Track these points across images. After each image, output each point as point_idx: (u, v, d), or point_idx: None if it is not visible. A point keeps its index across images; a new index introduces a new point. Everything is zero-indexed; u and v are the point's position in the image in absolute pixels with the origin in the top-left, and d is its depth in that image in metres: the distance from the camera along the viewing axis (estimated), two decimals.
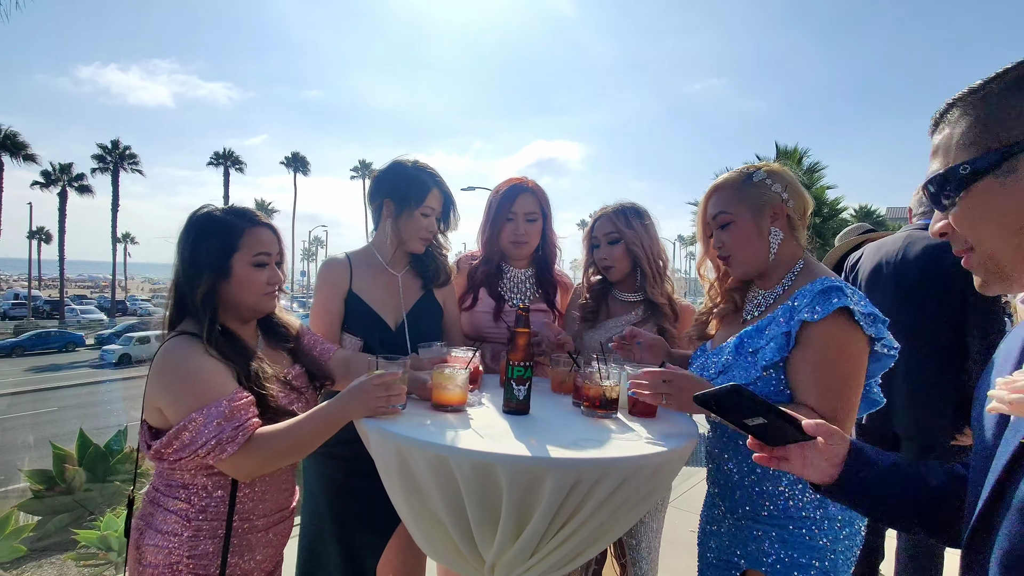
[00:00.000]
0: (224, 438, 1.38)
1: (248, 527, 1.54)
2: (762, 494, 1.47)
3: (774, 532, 1.46)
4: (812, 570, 1.41)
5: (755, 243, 1.52)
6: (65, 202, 43.31)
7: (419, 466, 1.31)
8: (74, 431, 5.86)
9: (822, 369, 1.33)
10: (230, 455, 1.39)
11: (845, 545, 1.45)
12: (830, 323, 1.33)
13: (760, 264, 1.54)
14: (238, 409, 1.42)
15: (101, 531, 3.91)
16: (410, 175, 1.99)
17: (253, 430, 1.42)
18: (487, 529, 1.32)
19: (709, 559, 1.65)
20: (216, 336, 1.50)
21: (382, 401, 1.43)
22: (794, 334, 1.36)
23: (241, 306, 1.58)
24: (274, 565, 1.67)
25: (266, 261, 1.57)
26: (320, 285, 2.01)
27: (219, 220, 1.56)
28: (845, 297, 1.33)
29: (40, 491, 5.01)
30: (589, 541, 1.42)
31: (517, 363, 1.53)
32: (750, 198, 1.54)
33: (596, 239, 2.19)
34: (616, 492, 1.29)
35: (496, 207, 2.26)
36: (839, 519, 1.45)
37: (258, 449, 1.41)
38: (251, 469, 1.45)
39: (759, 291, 1.60)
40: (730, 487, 1.55)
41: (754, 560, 1.49)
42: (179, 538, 1.47)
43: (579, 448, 1.29)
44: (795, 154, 26.77)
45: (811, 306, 1.35)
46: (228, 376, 1.47)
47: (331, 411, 1.45)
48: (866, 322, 1.34)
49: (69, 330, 35.60)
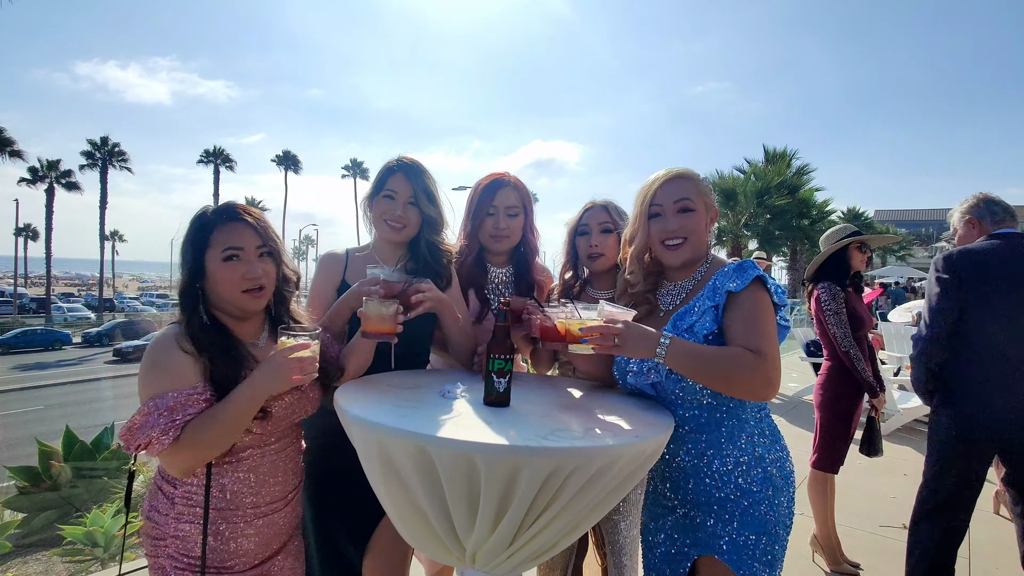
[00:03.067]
0: (159, 431, 1.40)
1: (231, 515, 1.57)
2: (714, 475, 1.61)
3: (725, 515, 1.59)
4: (761, 544, 1.56)
5: (704, 234, 1.77)
6: (52, 199, 42.93)
7: (400, 456, 1.33)
8: (60, 430, 5.85)
9: (748, 321, 1.57)
10: (162, 449, 1.41)
11: (784, 514, 1.61)
12: (750, 289, 1.60)
13: (700, 253, 1.77)
14: (183, 404, 1.44)
15: (87, 527, 3.91)
16: (381, 167, 2.04)
17: (182, 425, 1.42)
18: (467, 519, 1.35)
19: (656, 554, 1.75)
20: (195, 331, 1.53)
21: (296, 371, 1.46)
22: (722, 305, 1.60)
23: (224, 302, 1.59)
24: (270, 553, 1.68)
25: (236, 255, 1.57)
26: (316, 275, 2.08)
27: (196, 219, 1.60)
28: (757, 270, 1.61)
29: (26, 488, 4.99)
30: (567, 529, 1.45)
31: (498, 356, 1.55)
32: (706, 196, 1.77)
33: (586, 227, 2.21)
34: (591, 481, 1.32)
35: (477, 201, 2.27)
36: (782, 492, 1.61)
37: (188, 442, 1.42)
38: (184, 463, 1.47)
39: (672, 284, 1.82)
40: (684, 478, 1.66)
41: (705, 546, 1.61)
42: (165, 517, 1.55)
43: (556, 439, 1.32)
44: (783, 155, 27.01)
45: (733, 279, 1.60)
46: (194, 371, 1.49)
47: (245, 391, 1.46)
48: (775, 292, 1.62)
49: (56, 328, 35.28)
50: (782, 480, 1.63)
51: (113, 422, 6.03)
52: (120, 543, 4.02)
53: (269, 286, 1.64)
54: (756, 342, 1.53)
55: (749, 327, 1.56)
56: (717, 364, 1.51)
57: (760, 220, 25.09)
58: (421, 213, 2.01)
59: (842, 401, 3.47)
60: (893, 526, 4.16)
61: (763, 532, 1.57)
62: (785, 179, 25.42)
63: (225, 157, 52.14)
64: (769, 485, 1.60)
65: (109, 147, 45.23)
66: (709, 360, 1.51)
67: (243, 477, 1.58)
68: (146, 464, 6.22)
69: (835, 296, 3.39)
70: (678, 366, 1.54)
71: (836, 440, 3.47)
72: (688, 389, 1.61)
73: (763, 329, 1.56)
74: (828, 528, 3.57)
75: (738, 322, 1.58)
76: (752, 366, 1.49)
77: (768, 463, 1.62)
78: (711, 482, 1.61)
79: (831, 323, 3.38)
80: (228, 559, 1.58)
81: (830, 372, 3.53)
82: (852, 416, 3.48)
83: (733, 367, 1.50)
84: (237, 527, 1.58)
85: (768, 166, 26.37)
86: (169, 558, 1.55)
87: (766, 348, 1.53)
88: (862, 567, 3.55)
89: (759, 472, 1.60)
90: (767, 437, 1.66)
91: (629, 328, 1.52)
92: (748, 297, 1.59)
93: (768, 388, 1.51)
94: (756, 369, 1.49)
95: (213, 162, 51.79)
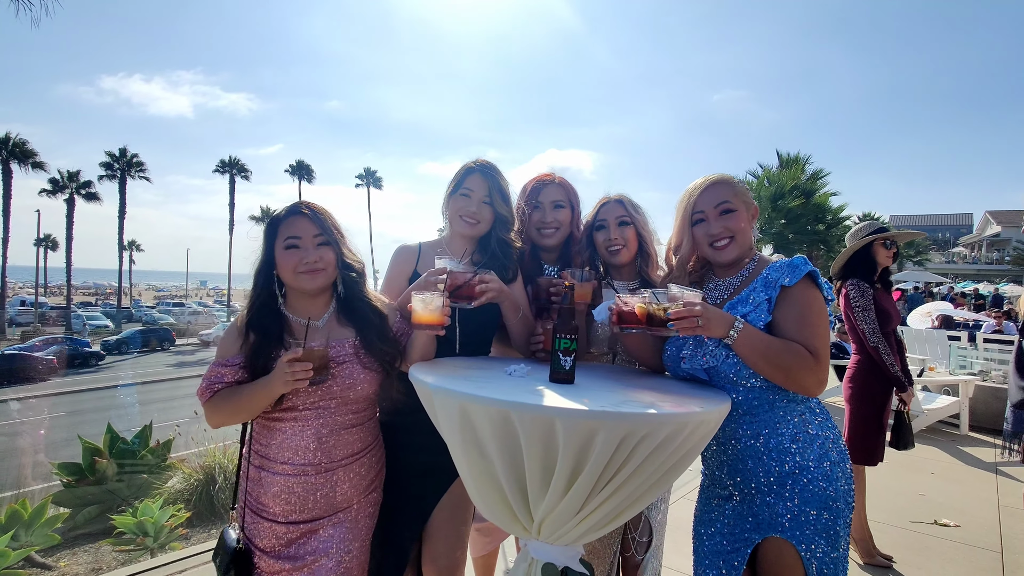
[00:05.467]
0: (201, 390, 1.79)
1: (261, 466, 1.83)
2: (771, 452, 1.67)
3: (785, 492, 1.64)
4: (823, 519, 1.61)
5: (748, 231, 1.85)
6: (73, 209, 43.63)
7: (481, 422, 1.43)
8: (74, 437, 6.07)
9: (804, 318, 1.66)
10: (203, 403, 1.80)
11: (844, 490, 1.66)
12: (803, 285, 1.69)
13: (746, 249, 1.86)
14: (217, 372, 1.78)
15: (138, 518, 4.04)
16: (460, 168, 2.17)
17: (215, 391, 1.77)
18: (540, 484, 1.45)
19: (710, 546, 1.79)
20: (250, 310, 1.84)
21: (292, 376, 1.65)
22: (774, 298, 1.69)
23: (287, 284, 1.86)
24: (304, 516, 1.81)
25: (296, 244, 1.82)
26: (391, 265, 2.21)
27: (270, 217, 1.89)
28: (809, 266, 1.70)
29: (71, 483, 5.15)
30: (630, 500, 1.54)
31: (564, 336, 1.64)
32: (744, 196, 1.86)
33: (604, 221, 2.29)
34: (658, 449, 1.41)
35: (525, 200, 2.37)
36: (839, 468, 1.67)
37: (212, 407, 1.78)
38: (211, 421, 1.83)
39: (720, 279, 1.90)
40: (741, 460, 1.72)
41: (768, 526, 1.65)
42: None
43: (629, 407, 1.41)
44: (797, 161, 26.97)
45: (787, 274, 1.69)
46: (237, 344, 1.81)
47: (259, 386, 1.72)
48: (825, 288, 1.72)
49: (75, 336, 35.76)
50: (838, 455, 1.68)
51: (151, 421, 6.20)
52: (167, 533, 4.16)
53: (328, 270, 1.85)
54: (813, 342, 1.62)
55: (804, 325, 1.65)
56: (781, 356, 1.60)
57: (775, 225, 25.03)
58: (495, 211, 2.14)
59: (872, 395, 3.52)
60: (924, 521, 4.19)
61: (824, 507, 1.61)
62: (799, 183, 25.34)
63: (240, 167, 52.80)
64: (826, 460, 1.65)
65: (128, 158, 45.99)
66: (775, 350, 1.61)
67: (275, 432, 1.82)
68: (184, 460, 6.42)
69: (863, 293, 3.45)
70: (747, 349, 1.63)
71: (869, 433, 3.51)
72: (742, 374, 1.68)
73: (819, 330, 1.65)
74: (861, 521, 3.62)
75: (792, 318, 1.66)
76: (810, 366, 1.60)
77: (823, 440, 1.68)
78: (769, 460, 1.66)
79: (860, 319, 3.44)
80: (262, 508, 1.82)
81: (859, 366, 3.59)
82: (884, 409, 3.53)
83: (794, 363, 1.60)
84: (267, 477, 1.81)
85: (782, 171, 26.31)
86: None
87: (822, 350, 1.63)
88: (895, 560, 3.60)
89: (815, 449, 1.66)
90: (819, 416, 1.73)
91: (707, 309, 1.61)
92: (801, 293, 1.68)
93: (819, 388, 1.64)
94: (812, 370, 1.61)
95: (229, 172, 52.47)
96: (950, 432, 6.85)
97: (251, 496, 1.83)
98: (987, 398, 7.11)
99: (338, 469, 1.84)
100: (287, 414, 1.80)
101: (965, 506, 4.53)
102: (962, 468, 5.56)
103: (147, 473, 5.21)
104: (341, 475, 1.85)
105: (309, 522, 1.82)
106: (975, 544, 3.88)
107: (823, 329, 1.67)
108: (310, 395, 1.79)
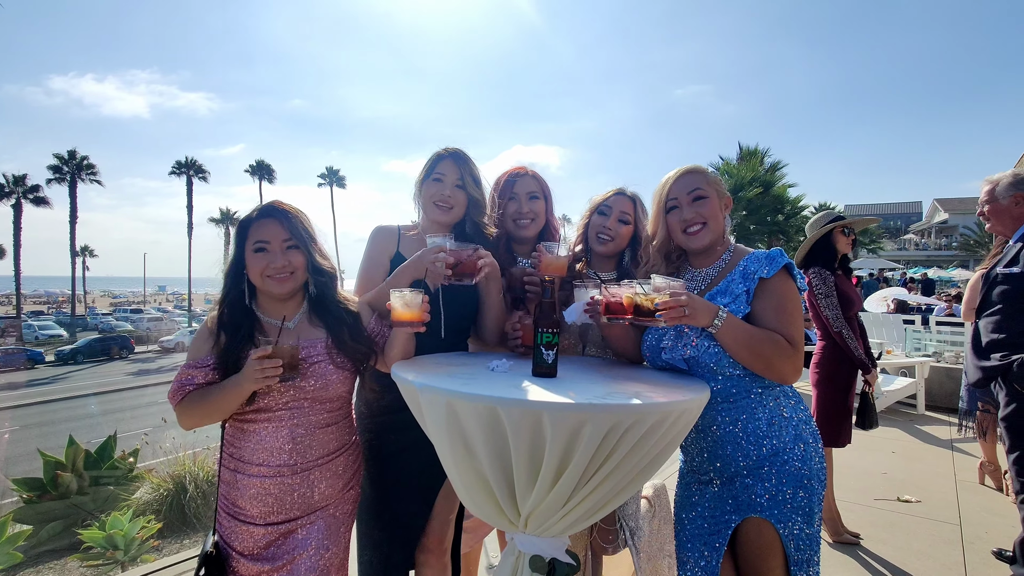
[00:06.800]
0: (172, 393, 1.78)
1: (236, 469, 1.81)
2: (748, 437, 1.73)
3: (763, 472, 1.71)
4: (798, 497, 1.68)
5: (720, 219, 1.91)
6: (20, 215, 41.83)
7: (468, 419, 1.43)
8: (32, 451, 5.85)
9: (782, 309, 1.73)
10: (174, 406, 1.78)
11: (817, 468, 1.74)
12: (780, 277, 1.76)
13: (719, 237, 1.91)
14: (188, 374, 1.77)
15: (107, 531, 3.91)
16: (431, 156, 2.18)
17: (186, 393, 1.76)
18: (528, 478, 1.46)
19: (692, 530, 1.85)
20: (223, 312, 1.82)
21: (261, 373, 1.65)
22: (752, 289, 1.75)
23: (255, 286, 1.85)
24: (282, 518, 1.80)
25: (264, 248, 1.82)
26: (370, 246, 2.18)
27: (241, 218, 1.88)
28: (785, 258, 1.78)
29: (31, 499, 4.95)
30: (616, 490, 1.56)
31: (546, 330, 1.66)
32: (716, 185, 1.92)
33: (608, 208, 2.30)
34: (643, 439, 1.43)
35: (499, 193, 2.39)
36: (812, 448, 1.75)
37: (184, 409, 1.76)
38: (184, 423, 1.81)
39: (696, 270, 1.94)
40: (721, 446, 1.77)
41: (748, 507, 1.72)
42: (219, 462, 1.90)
43: (614, 398, 1.44)
44: (756, 153, 27.61)
45: (764, 265, 1.76)
46: (208, 344, 1.79)
47: (230, 384, 1.71)
48: (798, 277, 1.79)
49: (27, 347, 34.36)
50: (811, 436, 1.77)
51: (116, 431, 6.00)
52: (138, 545, 4.04)
53: (296, 274, 1.85)
54: (791, 332, 1.70)
55: (782, 315, 1.72)
56: (762, 345, 1.66)
57: (735, 216, 25.62)
58: (468, 195, 2.16)
59: (838, 379, 3.64)
60: (888, 499, 4.36)
61: (799, 486, 1.69)
62: (758, 175, 25.97)
63: (198, 168, 51.32)
64: (800, 442, 1.73)
65: (78, 160, 44.33)
66: (757, 339, 1.67)
67: (249, 435, 1.80)
68: (152, 470, 6.23)
69: (825, 280, 3.56)
70: (729, 339, 1.68)
71: (837, 416, 3.62)
72: (722, 363, 1.73)
73: (796, 320, 1.73)
74: (829, 501, 3.74)
75: (770, 309, 1.73)
76: (788, 355, 1.68)
77: (797, 422, 1.75)
78: (747, 444, 1.73)
79: (823, 306, 3.55)
80: (238, 511, 1.80)
81: (824, 352, 3.71)
82: (849, 392, 3.65)
83: (774, 352, 1.66)
84: (243, 480, 1.79)
85: (741, 163, 26.91)
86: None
87: (799, 339, 1.71)
88: (862, 536, 3.74)
89: (790, 431, 1.73)
90: (792, 399, 1.80)
91: (693, 299, 1.65)
92: (779, 284, 1.75)
93: (796, 375, 1.72)
94: (791, 358, 1.68)
95: (186, 173, 50.95)
96: (908, 412, 7.14)
97: (227, 500, 1.82)
98: (941, 378, 7.43)
99: (314, 469, 1.83)
100: (261, 415, 1.78)
101: (925, 482, 4.73)
102: (920, 446, 5.80)
103: (114, 485, 5.05)
104: (318, 475, 1.84)
105: (287, 523, 1.81)
106: (936, 518, 4.06)
107: (799, 319, 1.74)
108: (283, 395, 1.78)
